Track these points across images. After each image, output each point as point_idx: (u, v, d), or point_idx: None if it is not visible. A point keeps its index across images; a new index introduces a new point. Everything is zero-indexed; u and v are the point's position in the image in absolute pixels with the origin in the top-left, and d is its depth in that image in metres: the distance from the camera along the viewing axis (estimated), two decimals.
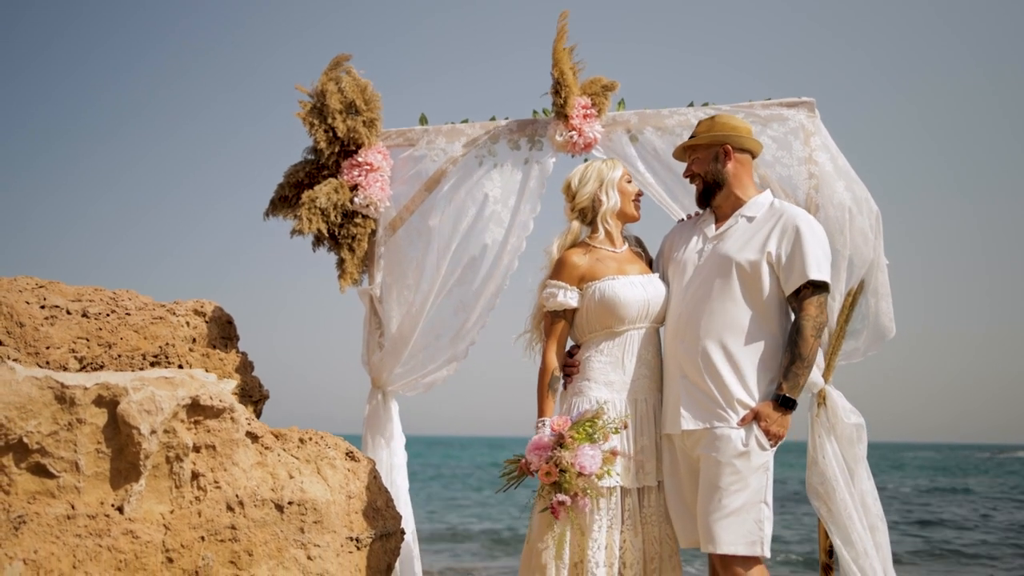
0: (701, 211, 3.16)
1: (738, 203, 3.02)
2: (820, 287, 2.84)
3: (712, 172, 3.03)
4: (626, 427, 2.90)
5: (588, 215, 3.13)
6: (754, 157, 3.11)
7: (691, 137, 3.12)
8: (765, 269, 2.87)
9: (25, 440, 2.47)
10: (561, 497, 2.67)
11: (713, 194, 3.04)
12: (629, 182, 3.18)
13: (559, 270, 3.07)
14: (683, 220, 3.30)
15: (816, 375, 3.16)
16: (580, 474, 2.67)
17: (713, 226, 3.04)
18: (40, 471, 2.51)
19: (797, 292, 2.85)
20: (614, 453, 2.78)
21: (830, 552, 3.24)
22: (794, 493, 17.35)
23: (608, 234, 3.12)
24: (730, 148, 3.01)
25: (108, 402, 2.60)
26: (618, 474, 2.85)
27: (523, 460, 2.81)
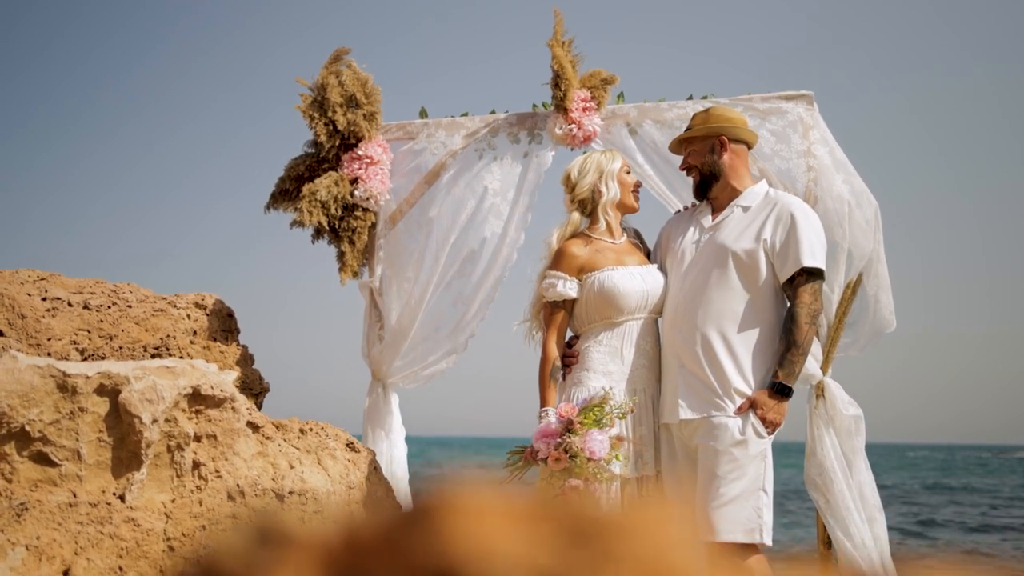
0: (698, 203, 3.18)
1: (734, 194, 3.02)
2: (814, 274, 2.85)
3: (708, 164, 3.03)
4: (632, 412, 2.91)
5: (588, 206, 3.14)
6: (750, 148, 3.12)
7: (687, 130, 3.12)
8: (761, 257, 2.87)
9: (27, 428, 2.48)
10: (574, 482, 2.67)
11: (710, 186, 3.05)
12: (628, 173, 3.19)
13: (558, 260, 3.08)
14: (680, 211, 3.31)
15: (814, 367, 3.16)
16: (590, 459, 2.67)
17: (710, 216, 3.05)
18: (42, 459, 2.52)
19: (792, 280, 2.86)
20: (620, 439, 2.78)
21: (828, 543, 3.25)
22: (794, 491, 17.34)
23: (608, 225, 3.13)
24: (726, 139, 3.01)
25: (110, 391, 2.60)
26: (622, 462, 2.86)
27: (529, 449, 2.81)
